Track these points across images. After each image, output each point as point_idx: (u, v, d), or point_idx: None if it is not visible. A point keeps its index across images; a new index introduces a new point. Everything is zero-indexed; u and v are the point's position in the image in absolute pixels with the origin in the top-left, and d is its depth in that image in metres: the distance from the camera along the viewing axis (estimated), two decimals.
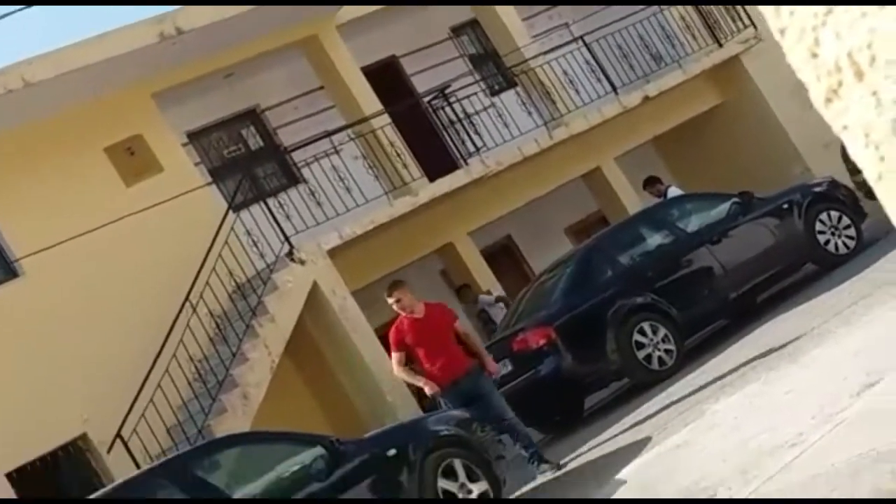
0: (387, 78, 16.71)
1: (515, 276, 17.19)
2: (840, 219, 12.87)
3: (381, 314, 15.88)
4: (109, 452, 12.19)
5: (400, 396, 13.62)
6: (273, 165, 16.18)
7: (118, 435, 12.01)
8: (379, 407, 13.54)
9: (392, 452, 8.15)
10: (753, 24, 17.62)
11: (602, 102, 17.00)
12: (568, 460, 9.19)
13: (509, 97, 17.04)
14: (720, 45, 18.04)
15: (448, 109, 16.23)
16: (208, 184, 14.79)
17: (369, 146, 15.37)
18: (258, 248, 13.96)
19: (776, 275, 12.42)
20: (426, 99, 16.50)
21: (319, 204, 14.51)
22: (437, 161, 16.20)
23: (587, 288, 11.70)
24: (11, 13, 11.53)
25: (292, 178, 15.81)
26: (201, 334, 13.14)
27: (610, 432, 9.71)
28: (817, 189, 13.28)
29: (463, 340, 9.58)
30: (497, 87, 17.80)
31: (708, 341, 11.93)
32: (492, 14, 17.28)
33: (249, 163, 15.59)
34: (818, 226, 12.75)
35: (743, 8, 17.84)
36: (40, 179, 13.28)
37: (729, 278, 12.06)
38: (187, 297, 12.92)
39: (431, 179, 15.68)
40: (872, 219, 12.56)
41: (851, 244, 12.75)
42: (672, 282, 11.85)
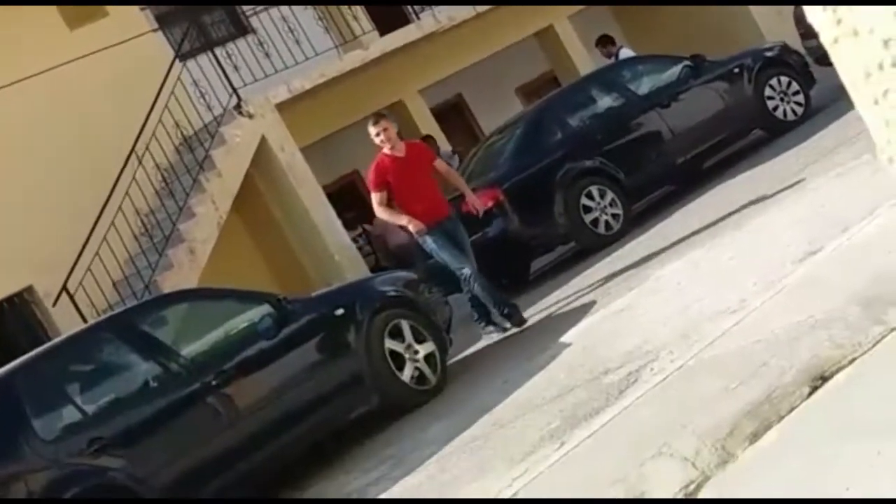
0: None
1: (465, 136, 17.14)
2: (790, 84, 12.89)
3: (330, 172, 15.86)
4: (55, 305, 12.16)
5: (347, 256, 13.68)
6: (221, 13, 15.81)
7: (64, 288, 11.96)
8: (326, 266, 13.58)
9: (339, 312, 8.19)
10: None
11: None
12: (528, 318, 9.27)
13: None
14: None
15: None
16: (154, 30, 14.45)
17: None
18: (206, 100, 13.75)
19: (724, 140, 12.47)
20: None
21: (268, 55, 14.28)
22: (389, 15, 15.93)
23: (536, 150, 11.68)
24: None
25: (241, 28, 15.49)
26: (147, 187, 13.02)
27: (555, 296, 9.84)
28: (769, 54, 13.25)
29: (446, 177, 9.41)
30: None
31: (654, 206, 12.02)
32: None
33: (197, 10, 15.20)
34: (767, 91, 12.76)
35: None
36: None
37: (677, 143, 12.10)
38: (133, 149, 12.74)
39: (382, 34, 15.44)
40: (821, 85, 12.59)
41: (800, 110, 12.79)
42: (621, 146, 11.86)
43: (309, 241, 13.87)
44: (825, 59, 1.73)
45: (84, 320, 11.44)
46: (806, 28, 11.23)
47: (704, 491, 4.44)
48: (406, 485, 6.53)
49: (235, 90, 13.68)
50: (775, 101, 12.76)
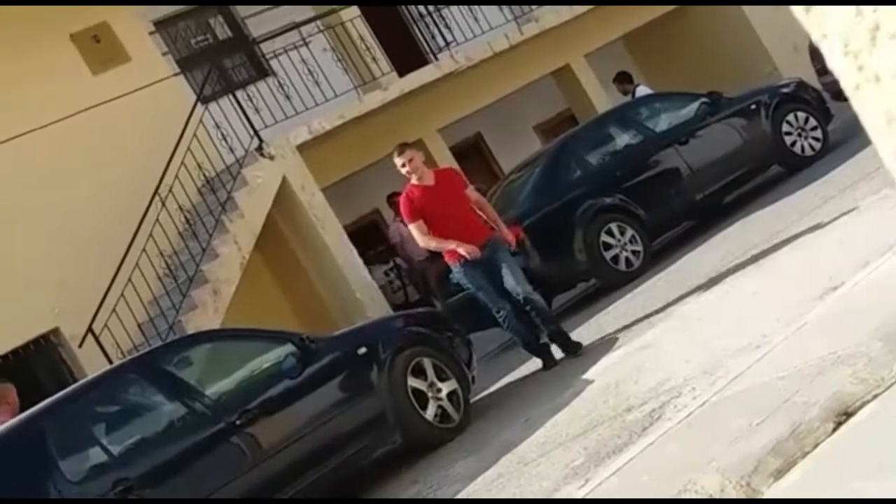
0: None
1: (484, 175, 17.21)
2: (807, 120, 12.94)
3: (351, 211, 15.96)
4: (81, 347, 12.24)
5: (368, 294, 13.73)
6: (241, 57, 15.99)
7: (90, 329, 12.05)
8: (348, 304, 13.64)
9: (362, 351, 8.23)
10: None
11: None
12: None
13: None
14: None
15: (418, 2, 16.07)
16: (176, 74, 14.62)
17: (338, 39, 15.22)
18: (227, 142, 13.89)
19: (742, 176, 12.51)
20: None
21: (288, 97, 14.42)
22: (407, 56, 16.08)
23: (556, 188, 11.75)
24: None
25: (261, 71, 15.65)
26: (171, 229, 13.13)
27: (577, 334, 9.85)
28: (785, 90, 13.31)
29: (479, 207, 8.96)
30: None
31: (674, 242, 12.05)
32: None
33: (218, 54, 15.40)
34: (785, 127, 12.82)
35: None
36: (2, 66, 13.05)
37: (696, 179, 12.15)
38: (156, 190, 12.86)
39: (401, 75, 15.57)
40: (839, 120, 12.63)
41: (818, 146, 12.84)
42: (640, 182, 11.92)
43: (331, 280, 13.94)
44: (841, 95, 1.75)
45: (109, 361, 11.51)
46: (822, 63, 11.30)
47: None
48: None
49: (256, 132, 13.81)
50: (793, 137, 12.81)
